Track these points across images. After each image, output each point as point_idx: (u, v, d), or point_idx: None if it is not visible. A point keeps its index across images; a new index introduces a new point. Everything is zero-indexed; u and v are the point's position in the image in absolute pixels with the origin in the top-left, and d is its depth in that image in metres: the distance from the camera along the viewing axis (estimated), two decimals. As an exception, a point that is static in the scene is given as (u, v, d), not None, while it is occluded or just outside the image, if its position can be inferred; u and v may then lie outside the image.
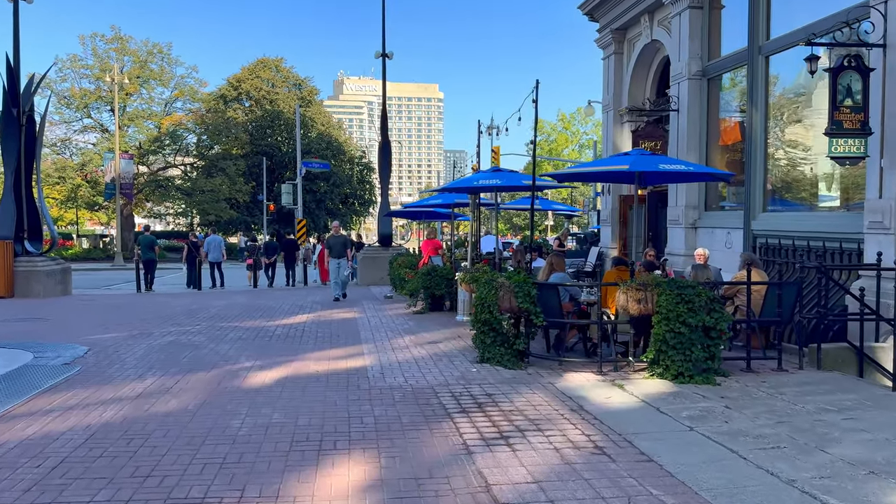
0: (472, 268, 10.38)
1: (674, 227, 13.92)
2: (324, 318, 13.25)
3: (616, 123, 17.01)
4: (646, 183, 9.58)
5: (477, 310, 8.52)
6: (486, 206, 14.05)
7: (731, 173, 10.07)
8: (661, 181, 9.93)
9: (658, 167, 7.85)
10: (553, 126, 66.87)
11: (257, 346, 9.89)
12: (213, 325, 12.01)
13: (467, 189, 10.47)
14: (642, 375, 7.81)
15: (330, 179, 50.49)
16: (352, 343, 10.21)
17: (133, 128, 46.06)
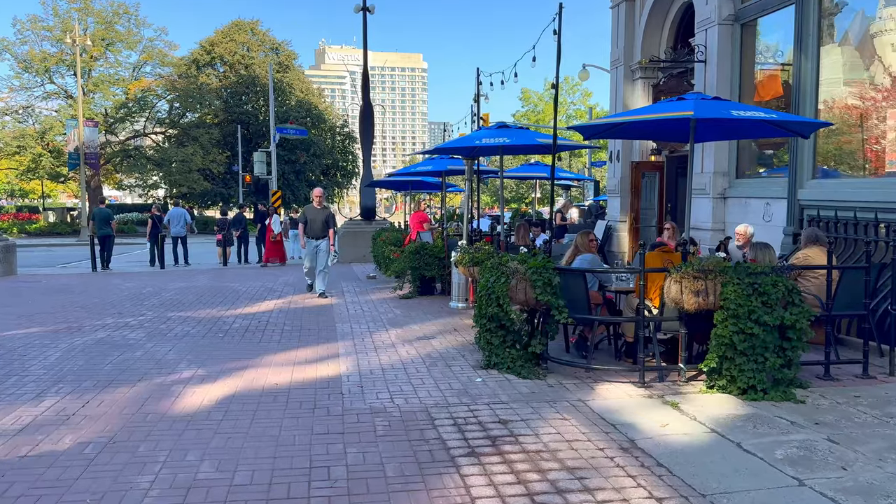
0: (472, 247, 8.52)
1: (698, 196, 12.09)
2: (295, 304, 11.35)
3: (627, 80, 15.08)
4: (704, 137, 7.72)
5: (481, 301, 6.68)
6: (485, 174, 12.13)
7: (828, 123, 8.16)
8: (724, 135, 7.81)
9: (730, 113, 5.97)
10: (540, 96, 64.51)
11: (207, 345, 8.00)
12: (161, 316, 10.08)
13: (467, 150, 8.60)
14: (697, 388, 6.04)
15: (310, 149, 48.11)
16: (325, 339, 8.35)
17: (99, 94, 43.33)
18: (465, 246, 8.63)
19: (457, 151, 8.97)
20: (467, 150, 8.59)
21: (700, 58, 11.84)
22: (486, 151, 8.78)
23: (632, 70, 15.12)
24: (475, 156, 9.26)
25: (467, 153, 8.90)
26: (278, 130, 23.58)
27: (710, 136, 8.03)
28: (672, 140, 7.40)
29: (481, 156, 9.75)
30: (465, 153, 8.95)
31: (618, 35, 15.36)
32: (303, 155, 47.49)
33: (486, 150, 8.63)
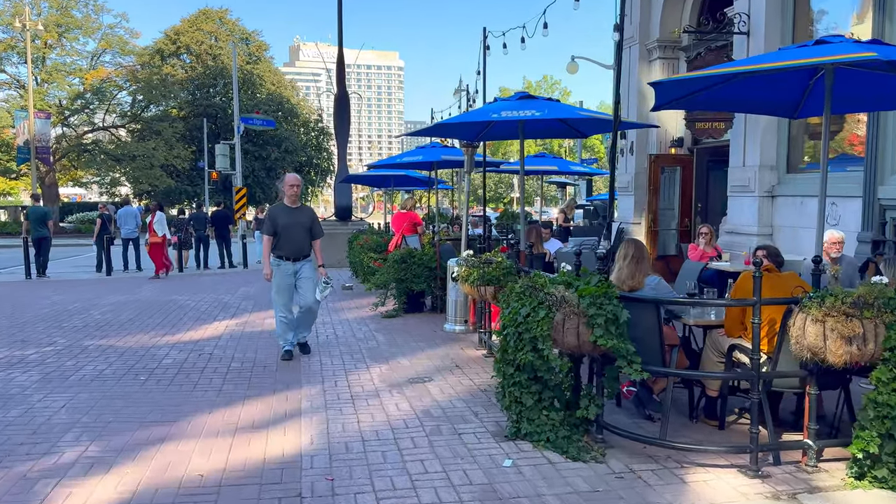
0: (479, 258, 6.42)
1: (740, 195, 10.16)
2: (251, 326, 9.16)
3: (642, 61, 13.14)
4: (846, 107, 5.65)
5: (507, 343, 4.60)
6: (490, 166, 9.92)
7: None
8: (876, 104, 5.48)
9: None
10: (522, 92, 62.46)
11: (118, 396, 5.80)
12: (74, 345, 7.82)
13: (476, 128, 6.43)
14: (838, 478, 4.04)
15: (281, 145, 45.57)
16: (284, 383, 6.20)
17: (55, 84, 40.38)
18: (471, 257, 6.53)
19: (462, 131, 6.79)
20: (477, 127, 6.45)
21: (742, 28, 9.90)
22: (503, 132, 6.62)
23: (648, 49, 13.19)
24: (482, 139, 7.14)
25: (474, 133, 6.74)
26: (243, 121, 21.23)
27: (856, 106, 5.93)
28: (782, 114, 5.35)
29: (489, 140, 7.65)
30: (471, 133, 6.79)
31: (631, 9, 13.38)
32: (274, 151, 44.98)
33: (502, 131, 6.48)
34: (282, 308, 7.07)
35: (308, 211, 7.33)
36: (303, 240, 7.04)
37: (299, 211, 7.15)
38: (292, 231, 6.97)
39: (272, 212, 7.18)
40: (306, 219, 7.12)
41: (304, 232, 7.04)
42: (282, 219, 7.02)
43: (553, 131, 6.70)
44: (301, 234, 7.00)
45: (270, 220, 7.04)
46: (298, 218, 7.05)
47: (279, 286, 7.00)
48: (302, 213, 7.17)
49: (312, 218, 7.22)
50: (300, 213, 7.14)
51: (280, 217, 7.04)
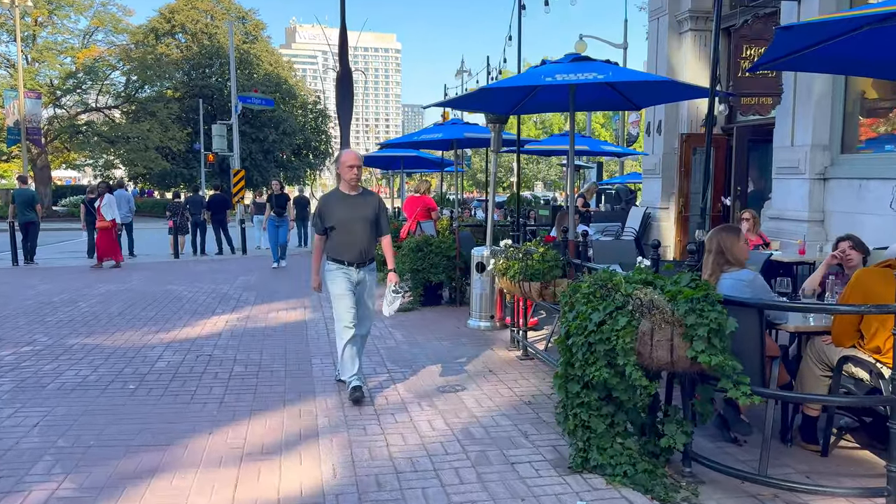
0: (518, 249, 5.57)
1: (788, 177, 9.30)
2: (253, 322, 8.31)
3: (672, 34, 12.21)
4: None
5: (571, 355, 3.77)
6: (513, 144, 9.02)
7: None
8: None
9: None
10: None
11: (102, 410, 4.95)
12: (57, 345, 6.97)
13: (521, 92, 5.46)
14: None
15: (279, 127, 44.42)
16: (295, 394, 5.37)
17: (46, 63, 39.11)
18: (510, 247, 5.68)
19: (498, 100, 5.74)
20: (518, 95, 5.51)
21: (793, -6, 8.98)
22: (546, 103, 5.65)
23: (678, 21, 12.25)
24: (518, 111, 6.19)
25: (511, 104, 5.74)
26: (241, 100, 20.24)
27: None
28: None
29: (527, 112, 6.71)
30: (506, 104, 5.78)
31: (660, -22, 12.44)
32: (271, 133, 43.86)
33: (545, 101, 5.53)
34: (348, 322, 5.21)
35: (373, 199, 5.42)
36: (367, 238, 5.27)
37: (361, 200, 5.28)
38: (353, 227, 5.21)
39: (324, 202, 5.33)
40: (370, 210, 5.28)
41: (369, 227, 5.27)
42: (338, 210, 5.19)
43: (605, 102, 5.83)
44: (365, 230, 5.25)
45: (322, 214, 5.25)
46: (361, 209, 5.23)
47: (341, 293, 5.23)
48: (365, 202, 5.30)
49: (379, 208, 5.38)
50: (363, 202, 5.28)
51: (335, 208, 5.21)
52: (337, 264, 5.28)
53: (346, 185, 5.29)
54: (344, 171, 5.27)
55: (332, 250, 5.30)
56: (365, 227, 5.25)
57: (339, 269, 5.28)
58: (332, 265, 5.30)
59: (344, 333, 5.27)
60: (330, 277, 5.31)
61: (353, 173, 5.22)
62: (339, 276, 5.27)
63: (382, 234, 5.44)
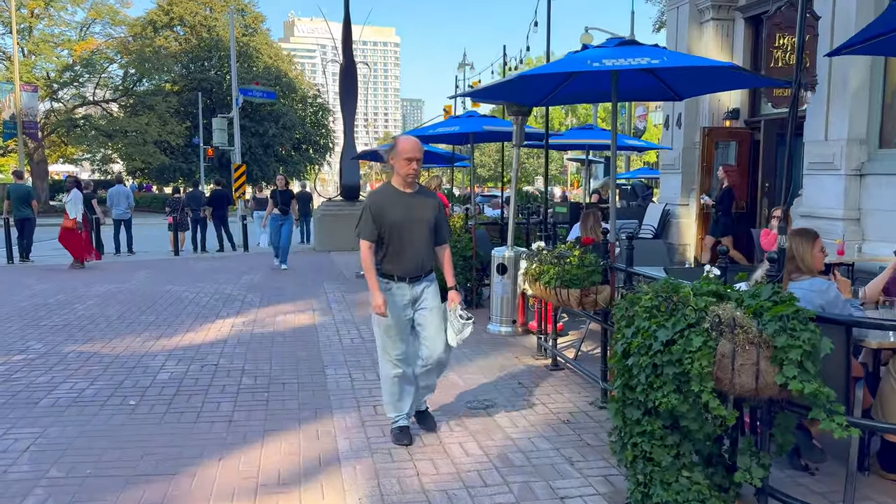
0: (550, 253, 5.11)
1: (821, 173, 8.86)
2: (260, 326, 7.86)
3: (692, 23, 11.74)
4: None
5: (634, 378, 3.32)
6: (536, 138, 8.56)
7: None
8: None
9: None
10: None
11: (99, 432, 4.50)
12: (52, 353, 6.51)
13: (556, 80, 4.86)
14: None
15: (279, 121, 43.85)
16: (310, 411, 4.92)
17: (42, 56, 38.50)
18: (542, 250, 5.22)
19: (529, 89, 5.20)
20: (553, 82, 5.03)
21: (828, -21, 8.52)
22: (580, 92, 5.19)
23: (699, 10, 11.78)
24: (548, 103, 5.72)
25: (542, 94, 5.24)
26: (242, 92, 19.74)
27: None
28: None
29: (557, 103, 6.28)
30: (537, 94, 5.29)
31: (680, -36, 11.97)
32: (271, 127, 43.30)
33: (579, 90, 5.06)
34: (395, 358, 4.27)
35: (431, 199, 4.36)
36: (426, 246, 4.27)
37: (419, 199, 4.26)
38: (410, 232, 4.18)
39: (376, 201, 4.20)
40: (430, 211, 4.28)
41: (428, 233, 4.27)
42: (391, 212, 4.16)
43: (644, 91, 5.35)
44: (423, 236, 4.24)
45: (371, 215, 4.16)
46: (419, 210, 4.23)
47: (388, 323, 4.20)
48: (424, 202, 4.27)
49: (438, 210, 4.37)
50: (421, 202, 4.26)
51: (388, 209, 4.16)
52: (384, 280, 4.20)
53: (400, 181, 4.20)
54: (400, 165, 4.16)
55: (383, 261, 4.23)
56: (424, 232, 4.23)
57: (386, 287, 4.19)
58: (383, 281, 4.23)
59: (388, 369, 4.26)
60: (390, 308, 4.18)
61: (411, 168, 4.15)
62: (390, 296, 4.20)
63: (442, 242, 4.42)
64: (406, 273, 4.22)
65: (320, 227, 17.66)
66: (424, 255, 4.27)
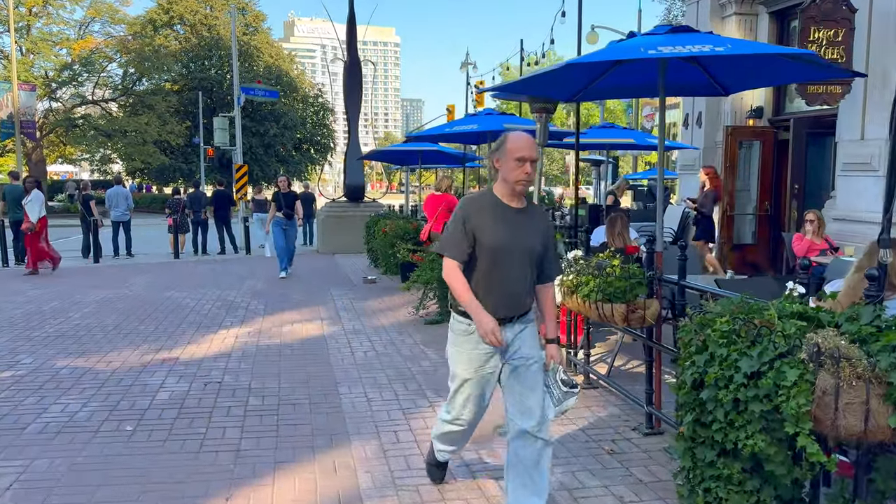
0: (589, 263, 4.65)
1: (857, 174, 8.41)
2: (266, 337, 7.39)
3: (714, 19, 11.27)
4: None
5: (710, 413, 2.87)
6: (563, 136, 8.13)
7: None
8: None
9: None
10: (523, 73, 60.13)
11: (92, 464, 4.03)
12: (43, 368, 6.05)
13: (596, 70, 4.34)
14: None
15: (280, 121, 43.38)
16: (326, 439, 4.46)
17: (41, 55, 38.03)
18: (579, 259, 4.75)
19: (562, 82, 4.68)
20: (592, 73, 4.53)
21: (865, -30, 8.06)
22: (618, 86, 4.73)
23: (720, 4, 11.32)
24: (579, 98, 5.24)
25: (574, 88, 4.74)
26: (244, 91, 19.30)
27: None
28: None
29: (590, 99, 5.82)
30: (569, 89, 4.76)
31: (700, -43, 11.51)
32: (273, 127, 42.83)
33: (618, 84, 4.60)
34: (461, 419, 3.38)
35: (543, 221, 3.36)
36: (527, 280, 3.22)
37: (528, 218, 3.22)
38: (510, 260, 3.14)
39: (474, 210, 3.17)
40: (539, 236, 3.24)
41: (532, 264, 3.21)
42: (492, 230, 3.12)
43: (687, 86, 4.88)
44: (527, 265, 3.19)
45: (464, 229, 3.13)
46: (527, 233, 3.19)
47: (465, 374, 3.26)
48: (533, 222, 3.24)
49: (549, 236, 3.32)
50: (530, 221, 3.22)
51: (488, 225, 3.13)
52: (466, 320, 3.18)
53: (507, 191, 3.15)
54: (509, 168, 3.09)
55: (478, 293, 3.13)
56: (529, 260, 3.18)
57: (466, 329, 3.19)
58: (460, 323, 3.22)
59: (448, 425, 3.42)
60: (456, 339, 3.27)
61: (523, 172, 3.08)
62: (470, 341, 3.18)
63: (549, 277, 3.34)
64: (497, 311, 3.10)
65: (324, 229, 17.22)
66: (525, 290, 3.20)
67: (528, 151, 3.11)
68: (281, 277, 11.96)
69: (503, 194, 3.18)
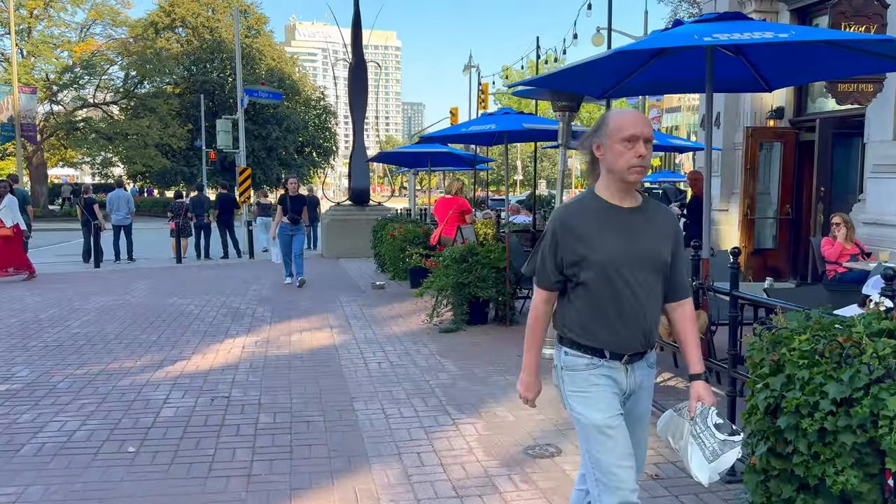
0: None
1: (889, 176, 8.09)
2: (274, 347, 7.06)
3: (732, 16, 10.94)
4: None
5: (775, 443, 2.53)
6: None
7: None
8: None
9: None
10: (521, 75, 59.55)
11: (90, 493, 3.70)
12: (39, 382, 5.72)
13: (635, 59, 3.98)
14: None
15: (283, 124, 43.11)
16: (344, 461, 4.13)
17: (41, 57, 37.78)
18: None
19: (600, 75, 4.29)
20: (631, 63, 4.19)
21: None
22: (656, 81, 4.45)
23: (739, 2, 11.01)
24: (612, 95, 4.91)
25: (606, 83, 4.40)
26: (247, 93, 19.02)
27: None
28: None
29: (622, 95, 5.49)
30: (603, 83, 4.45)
31: (717, -47, 11.20)
32: (275, 130, 42.55)
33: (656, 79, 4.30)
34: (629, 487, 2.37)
35: (666, 217, 2.55)
36: (656, 301, 2.48)
37: (647, 218, 2.46)
38: (631, 276, 2.39)
39: (564, 220, 2.44)
40: (664, 240, 2.47)
41: (659, 274, 2.46)
42: (600, 240, 2.39)
43: (730, 80, 4.54)
44: (653, 284, 2.44)
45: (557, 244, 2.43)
46: (647, 238, 2.43)
47: (604, 423, 2.40)
48: (654, 222, 2.47)
49: (677, 236, 2.54)
50: (651, 223, 2.46)
51: (593, 235, 2.39)
52: (587, 357, 2.43)
53: (615, 185, 2.41)
54: (615, 152, 2.35)
55: (576, 324, 2.44)
56: (654, 275, 2.43)
57: (591, 368, 2.43)
58: (576, 357, 2.45)
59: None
60: (575, 383, 2.46)
61: (636, 155, 2.33)
62: (596, 385, 2.43)
63: (684, 292, 2.57)
64: (623, 346, 2.40)
65: (328, 233, 16.91)
66: (653, 315, 2.44)
67: (640, 127, 2.35)
68: (286, 283, 11.53)
69: (610, 192, 2.42)
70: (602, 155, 2.42)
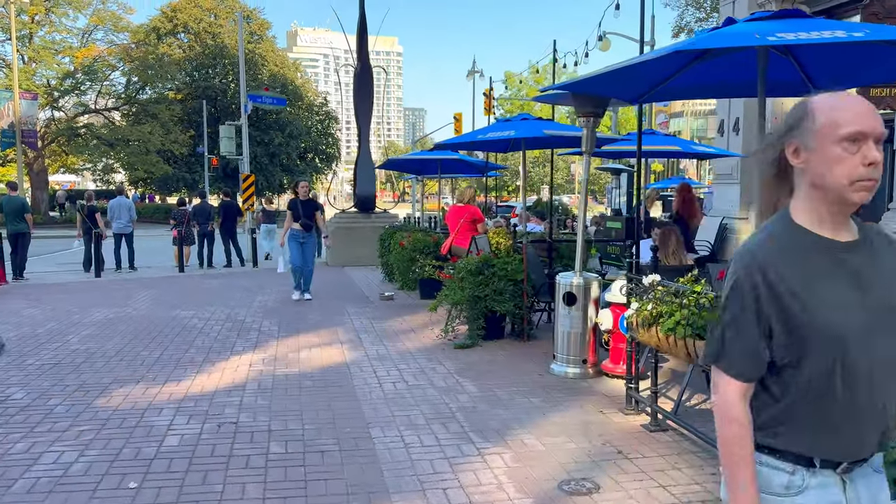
0: (666, 291, 3.99)
1: (925, 184, 7.73)
2: (283, 365, 6.72)
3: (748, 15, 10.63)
4: None
5: None
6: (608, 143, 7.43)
7: None
8: None
9: None
10: (524, 80, 59.25)
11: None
12: (35, 406, 5.38)
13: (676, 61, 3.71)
14: None
15: (286, 129, 42.82)
16: (363, 496, 3.79)
17: (43, 63, 37.54)
18: (657, 285, 4.08)
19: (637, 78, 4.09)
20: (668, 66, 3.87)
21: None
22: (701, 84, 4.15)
23: (759, 4, 10.67)
24: (646, 100, 4.59)
25: (643, 86, 4.08)
26: (251, 98, 18.71)
27: None
28: None
29: (660, 99, 5.19)
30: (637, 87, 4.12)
31: (736, -46, 10.87)
32: (278, 136, 42.26)
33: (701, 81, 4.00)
34: None
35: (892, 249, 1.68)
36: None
37: (868, 254, 1.63)
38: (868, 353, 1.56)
39: (765, 266, 1.58)
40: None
41: None
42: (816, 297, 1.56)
43: (777, 84, 4.25)
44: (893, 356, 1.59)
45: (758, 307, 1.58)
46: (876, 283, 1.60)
47: None
48: (878, 259, 1.64)
49: None
50: (873, 260, 1.63)
51: (801, 288, 1.56)
52: (788, 467, 1.63)
53: (825, 208, 1.62)
54: (830, 158, 1.56)
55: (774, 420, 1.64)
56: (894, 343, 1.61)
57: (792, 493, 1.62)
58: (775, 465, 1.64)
59: None
60: None
61: (864, 162, 1.54)
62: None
63: None
64: (846, 452, 1.63)
65: (333, 241, 16.56)
66: (894, 401, 1.63)
67: (869, 120, 1.55)
68: (295, 300, 10.68)
69: (816, 217, 1.63)
70: (803, 162, 1.62)
